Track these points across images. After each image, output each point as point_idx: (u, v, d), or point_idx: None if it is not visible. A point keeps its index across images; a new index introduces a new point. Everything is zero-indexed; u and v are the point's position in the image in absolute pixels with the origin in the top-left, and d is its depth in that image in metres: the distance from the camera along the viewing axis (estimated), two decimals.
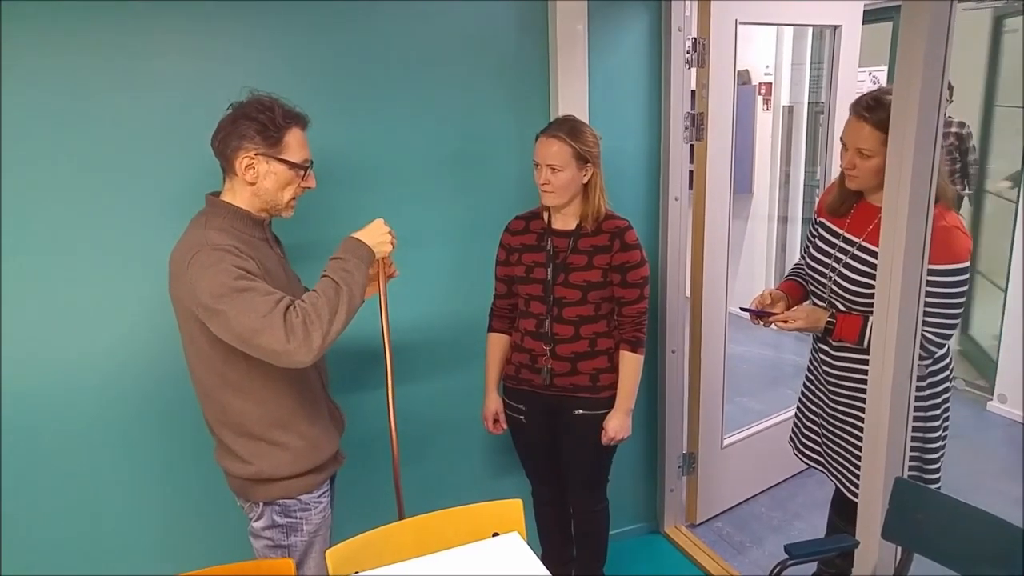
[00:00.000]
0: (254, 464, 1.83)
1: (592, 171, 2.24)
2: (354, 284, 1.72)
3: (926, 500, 1.89)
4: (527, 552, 1.65)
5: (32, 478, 2.21)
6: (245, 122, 1.74)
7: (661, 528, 3.21)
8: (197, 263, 1.66)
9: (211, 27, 2.16)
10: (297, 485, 1.87)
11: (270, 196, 1.80)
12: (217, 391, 1.81)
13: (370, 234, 1.82)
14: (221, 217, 1.77)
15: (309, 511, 1.90)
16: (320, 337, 1.62)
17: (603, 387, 2.35)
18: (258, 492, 1.86)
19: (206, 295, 1.63)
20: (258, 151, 1.75)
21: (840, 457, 2.32)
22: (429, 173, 2.50)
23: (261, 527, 1.89)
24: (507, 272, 2.41)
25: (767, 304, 2.33)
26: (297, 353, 1.61)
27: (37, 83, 2.01)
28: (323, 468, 1.92)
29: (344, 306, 1.68)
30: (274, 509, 1.87)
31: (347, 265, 1.73)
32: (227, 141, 1.75)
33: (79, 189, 2.10)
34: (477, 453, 2.82)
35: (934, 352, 2.11)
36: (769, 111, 5.50)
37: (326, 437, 1.94)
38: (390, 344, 1.95)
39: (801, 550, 1.96)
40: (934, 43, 1.75)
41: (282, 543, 1.89)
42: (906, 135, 1.82)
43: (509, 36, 2.51)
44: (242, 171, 1.75)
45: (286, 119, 1.77)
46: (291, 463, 1.85)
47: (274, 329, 1.59)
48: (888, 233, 1.91)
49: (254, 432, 1.82)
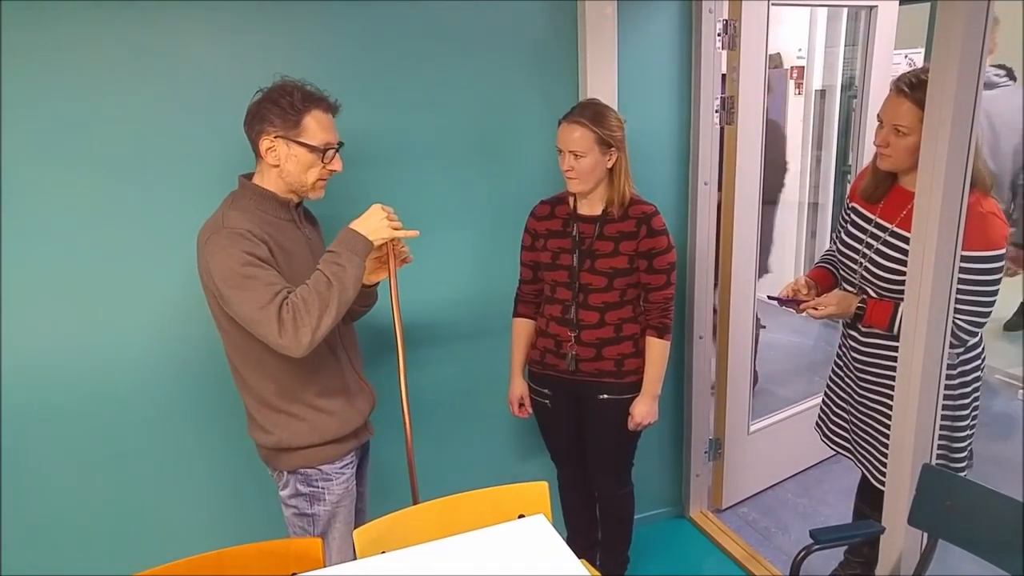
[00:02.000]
0: (274, 434, 1.91)
1: (616, 156, 2.23)
2: (346, 278, 1.76)
3: (954, 487, 1.88)
4: (553, 534, 1.66)
5: (69, 458, 2.26)
6: (267, 105, 1.80)
7: (686, 513, 3.21)
8: (212, 244, 1.74)
9: (237, 14, 2.17)
10: (317, 455, 1.94)
11: (294, 178, 1.84)
12: (239, 363, 1.90)
13: (366, 222, 1.84)
14: (247, 198, 1.84)
15: (331, 481, 1.97)
16: (309, 333, 1.69)
17: (628, 372, 2.35)
18: (281, 461, 1.95)
19: (217, 277, 1.72)
20: (278, 134, 1.80)
21: (867, 444, 2.30)
22: (456, 156, 2.51)
23: (287, 495, 1.98)
24: (532, 257, 2.41)
25: (801, 292, 2.31)
26: (287, 348, 1.70)
27: (65, 78, 2.04)
28: (344, 440, 1.98)
29: (334, 301, 1.73)
30: (297, 478, 1.95)
31: (339, 259, 1.77)
32: (252, 125, 1.82)
33: (114, 174, 2.13)
34: (502, 437, 2.84)
35: (966, 340, 2.08)
36: (801, 95, 5.42)
37: (348, 411, 1.98)
38: (401, 330, 1.97)
39: (826, 535, 1.96)
40: (972, 23, 1.72)
41: (306, 512, 1.97)
42: (942, 118, 1.79)
43: (538, 19, 2.49)
44: (264, 153, 1.82)
45: (305, 102, 1.81)
46: (309, 433, 1.91)
47: (269, 322, 1.68)
48: (921, 218, 1.89)
49: (272, 403, 1.90)
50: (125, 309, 2.22)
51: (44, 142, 2.05)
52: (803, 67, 5.40)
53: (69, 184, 2.09)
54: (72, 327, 2.18)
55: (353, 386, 2.03)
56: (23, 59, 1.98)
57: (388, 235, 1.85)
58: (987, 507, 1.81)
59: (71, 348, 2.19)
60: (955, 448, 2.19)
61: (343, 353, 2.01)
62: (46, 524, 2.26)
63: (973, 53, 1.74)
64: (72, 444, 2.25)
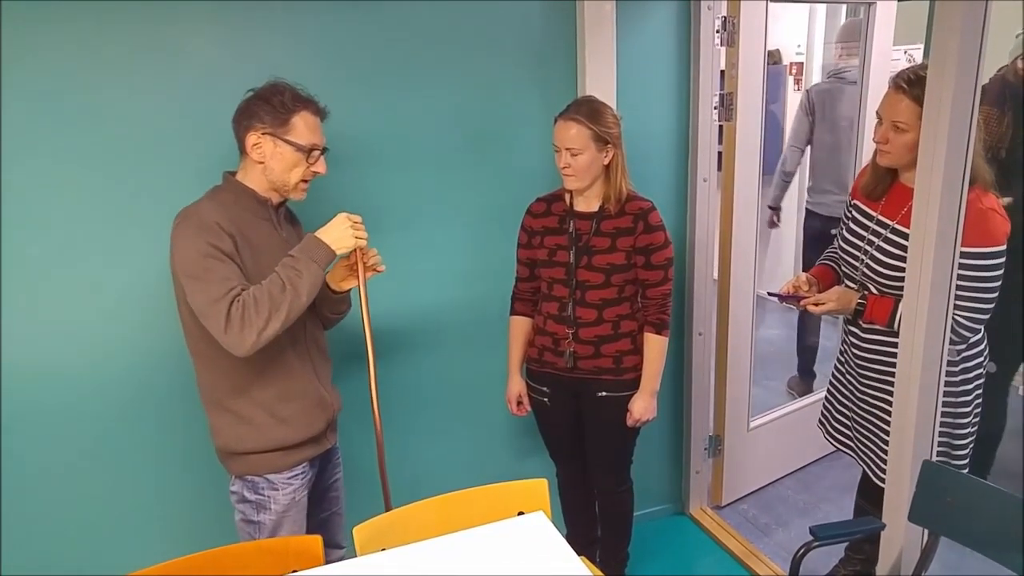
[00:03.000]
0: (220, 435, 1.92)
1: (613, 152, 2.22)
2: (301, 285, 1.75)
3: (954, 483, 1.87)
4: (552, 531, 1.66)
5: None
6: (258, 103, 1.83)
7: (686, 509, 3.21)
8: (179, 229, 1.77)
9: (236, 11, 2.17)
10: (262, 462, 1.91)
11: (277, 176, 1.85)
12: (195, 357, 1.90)
13: (329, 231, 1.83)
14: (227, 192, 1.87)
15: (278, 491, 1.93)
16: (254, 334, 1.69)
17: (626, 369, 2.34)
18: (229, 464, 1.95)
19: (177, 263, 1.75)
20: (265, 130, 1.82)
21: (868, 441, 2.30)
22: (454, 154, 2.50)
23: (235, 500, 1.96)
24: (529, 255, 2.40)
25: (802, 288, 2.31)
26: (231, 345, 1.71)
27: (62, 76, 2.03)
28: (294, 449, 1.94)
29: (285, 305, 1.72)
30: (244, 484, 1.93)
31: (297, 264, 1.76)
32: (240, 120, 1.84)
33: (110, 173, 2.12)
34: (501, 435, 2.84)
35: (968, 337, 2.08)
36: (800, 91, 5.42)
37: (303, 418, 1.94)
38: (372, 339, 1.96)
39: (827, 532, 1.95)
40: (971, 19, 1.72)
41: (252, 519, 1.94)
42: (941, 114, 1.79)
43: (536, 17, 2.49)
44: (250, 149, 1.83)
45: (295, 102, 1.83)
46: (254, 438, 1.89)
47: (217, 317, 1.69)
48: (920, 214, 1.89)
49: (222, 402, 1.89)
50: (121, 306, 2.21)
51: (42, 140, 2.04)
52: (802, 63, 5.40)
53: (66, 182, 2.09)
54: (68, 325, 2.17)
55: (314, 393, 1.98)
56: (20, 58, 1.98)
57: (351, 245, 1.85)
58: (987, 503, 1.81)
59: (69, 346, 2.18)
60: (956, 445, 2.19)
61: (309, 359, 1.98)
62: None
63: (972, 49, 1.74)
64: (62, 441, 2.25)
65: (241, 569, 1.64)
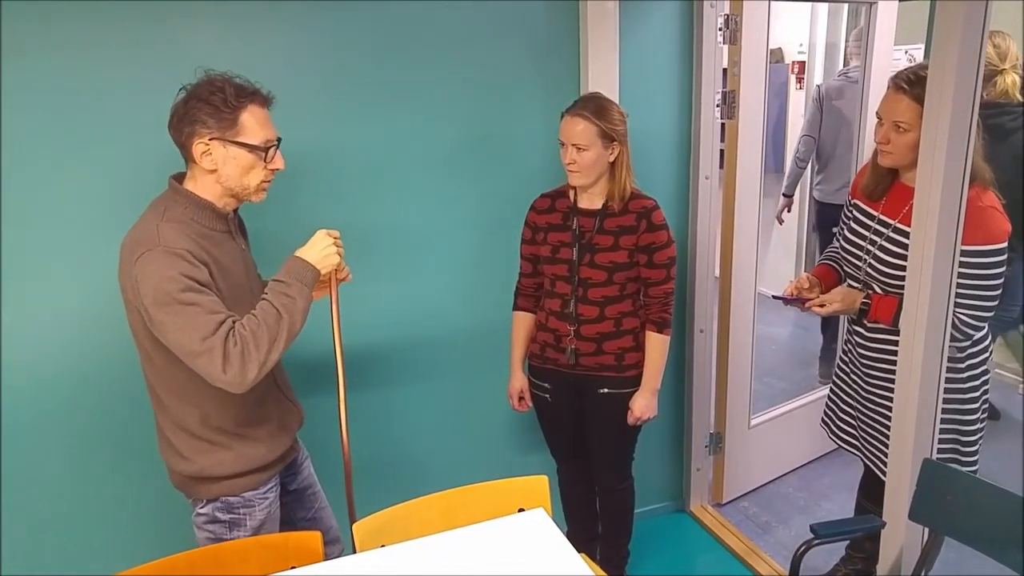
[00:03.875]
0: (195, 461, 1.78)
1: (618, 149, 2.22)
2: (295, 311, 1.66)
3: (955, 482, 1.87)
4: (552, 528, 1.66)
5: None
6: (197, 104, 1.65)
7: (687, 507, 3.21)
8: (145, 262, 1.58)
9: (237, 12, 2.16)
10: (241, 483, 1.81)
11: (235, 182, 1.71)
12: (158, 387, 1.77)
13: (312, 250, 1.75)
14: (182, 207, 1.69)
15: (253, 507, 1.84)
16: (256, 368, 1.59)
17: (628, 366, 2.35)
18: (200, 490, 1.81)
19: (149, 299, 1.57)
20: (213, 135, 1.65)
21: (874, 440, 2.30)
22: (455, 151, 2.50)
23: (203, 521, 1.83)
24: (532, 251, 2.41)
25: (804, 290, 2.31)
26: (231, 384, 1.58)
27: (58, 75, 2.02)
28: (269, 467, 1.87)
29: (283, 335, 1.63)
30: (216, 505, 1.81)
31: (289, 291, 1.67)
32: (180, 127, 1.67)
33: (106, 170, 2.12)
34: (502, 431, 2.84)
35: (971, 335, 2.08)
36: (802, 90, 5.41)
37: (275, 436, 1.88)
38: (342, 352, 1.90)
39: (827, 530, 1.95)
40: (971, 19, 1.72)
41: (223, 537, 1.82)
42: (941, 113, 1.79)
43: (539, 15, 2.49)
44: (199, 158, 1.67)
45: (239, 98, 1.67)
46: (233, 462, 1.79)
47: (212, 356, 1.56)
48: (921, 212, 1.89)
49: (193, 431, 1.77)
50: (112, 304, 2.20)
51: (39, 139, 2.04)
52: (804, 62, 5.39)
53: (63, 180, 2.09)
54: (62, 323, 2.18)
55: (279, 408, 1.92)
56: (18, 56, 1.98)
57: (336, 262, 1.77)
58: (988, 502, 1.81)
59: (68, 344, 2.19)
60: (965, 443, 2.19)
61: (271, 374, 1.83)
62: None
63: (972, 49, 1.74)
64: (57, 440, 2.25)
65: (240, 565, 1.64)
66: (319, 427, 2.09)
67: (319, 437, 2.11)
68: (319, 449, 2.13)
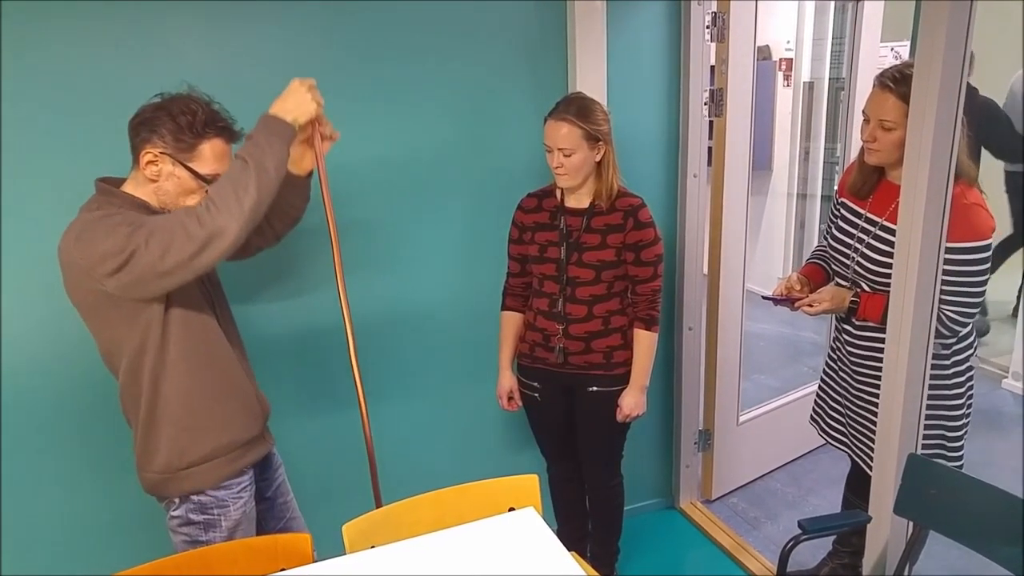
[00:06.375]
0: (160, 455, 1.75)
1: (604, 149, 2.22)
2: (263, 156, 1.58)
3: (939, 476, 1.89)
4: (543, 527, 1.66)
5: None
6: (164, 117, 1.64)
7: (676, 504, 3.23)
8: (84, 236, 1.57)
9: (227, 11, 2.16)
10: (208, 473, 1.78)
11: (170, 199, 1.69)
12: (122, 375, 1.74)
13: (285, 102, 1.66)
14: (116, 206, 1.65)
15: (227, 507, 1.82)
16: (229, 216, 1.52)
17: (617, 364, 2.35)
18: (170, 487, 1.78)
19: (107, 254, 1.53)
20: (165, 150, 1.64)
21: (862, 435, 2.31)
22: (443, 149, 2.50)
23: (177, 524, 1.81)
24: (520, 251, 2.41)
25: (794, 289, 2.32)
26: (215, 232, 1.52)
27: (54, 73, 2.01)
28: (237, 454, 1.83)
29: (252, 182, 1.55)
30: (189, 507, 1.79)
31: (256, 140, 1.60)
32: (139, 130, 1.66)
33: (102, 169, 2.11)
34: (492, 430, 2.84)
35: (957, 331, 2.09)
36: (789, 87, 5.43)
37: (239, 418, 1.84)
38: (337, 240, 1.84)
39: (815, 525, 1.97)
40: (956, 17, 1.73)
41: (199, 539, 1.80)
42: (926, 111, 1.80)
43: (527, 14, 2.49)
44: (144, 165, 1.66)
45: (207, 127, 1.66)
46: (198, 446, 1.76)
47: (187, 226, 1.51)
48: (907, 209, 1.90)
49: (155, 416, 1.74)
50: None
51: (33, 136, 2.03)
52: (791, 59, 5.41)
53: (58, 178, 2.07)
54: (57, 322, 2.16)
55: (249, 391, 1.88)
56: (17, 57, 1.97)
57: (313, 110, 1.68)
58: (970, 496, 1.83)
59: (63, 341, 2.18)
60: (951, 438, 2.20)
61: (236, 357, 1.85)
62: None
63: (957, 46, 1.75)
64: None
65: (229, 568, 1.64)
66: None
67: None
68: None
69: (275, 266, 2.36)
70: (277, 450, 2.07)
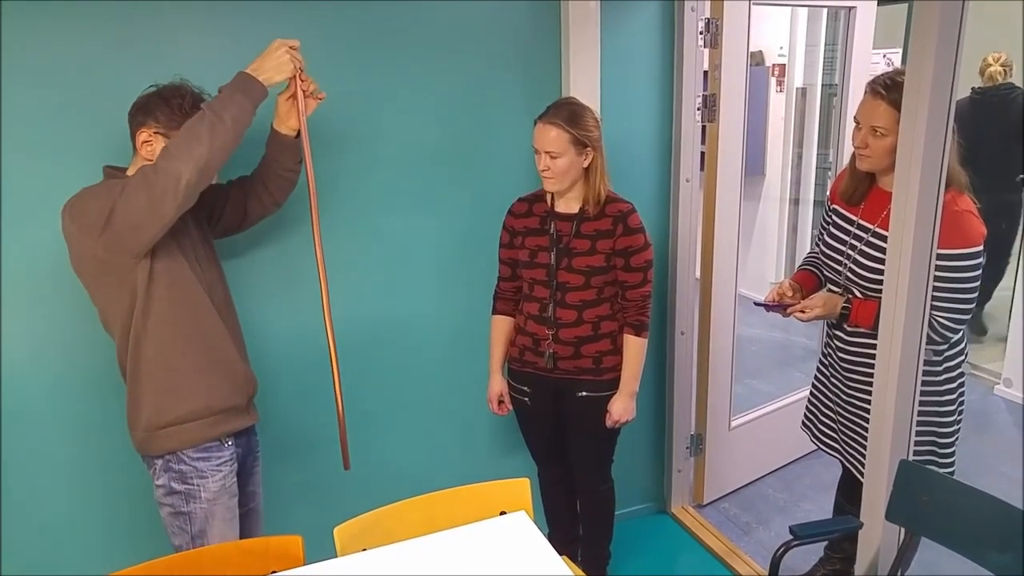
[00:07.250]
0: (144, 410, 1.84)
1: (592, 155, 2.22)
2: (223, 108, 1.67)
3: (930, 482, 1.90)
4: (534, 531, 1.66)
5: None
6: (157, 101, 1.79)
7: (668, 508, 3.23)
8: (75, 205, 1.71)
9: (221, 9, 2.16)
10: (187, 434, 1.86)
11: None
12: (114, 331, 1.85)
13: (264, 60, 1.74)
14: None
15: (206, 479, 1.90)
16: (184, 161, 1.63)
17: (606, 369, 2.35)
18: (150, 446, 1.87)
19: (93, 215, 1.67)
20: (158, 130, 1.78)
21: (855, 442, 2.31)
22: (435, 152, 2.50)
23: (162, 494, 1.90)
24: (511, 255, 2.41)
25: (786, 296, 2.33)
26: (174, 178, 1.62)
27: (50, 72, 2.02)
28: (219, 419, 1.91)
29: (206, 127, 1.65)
30: (171, 475, 1.88)
31: (221, 93, 1.71)
32: (135, 116, 1.80)
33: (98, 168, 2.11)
34: (483, 434, 2.84)
35: (949, 338, 2.10)
36: (782, 92, 5.46)
37: (224, 385, 1.92)
38: (316, 202, 1.89)
39: (806, 531, 1.97)
40: (948, 23, 1.74)
41: (182, 510, 1.90)
42: (917, 118, 1.80)
43: (521, 18, 2.49)
44: (140, 146, 1.80)
45: (195, 107, 1.76)
46: (179, 406, 1.84)
47: (147, 176, 1.64)
48: (898, 216, 1.90)
49: (143, 373, 1.83)
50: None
51: (30, 136, 2.03)
52: (784, 65, 5.44)
53: (55, 177, 2.06)
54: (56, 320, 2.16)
55: (236, 361, 1.96)
56: (17, 56, 1.97)
57: (291, 71, 1.76)
58: (962, 502, 1.83)
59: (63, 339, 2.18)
60: (942, 444, 2.21)
61: (228, 329, 1.95)
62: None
63: (949, 53, 1.76)
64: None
65: (220, 569, 1.63)
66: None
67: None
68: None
69: (269, 263, 2.38)
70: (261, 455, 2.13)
